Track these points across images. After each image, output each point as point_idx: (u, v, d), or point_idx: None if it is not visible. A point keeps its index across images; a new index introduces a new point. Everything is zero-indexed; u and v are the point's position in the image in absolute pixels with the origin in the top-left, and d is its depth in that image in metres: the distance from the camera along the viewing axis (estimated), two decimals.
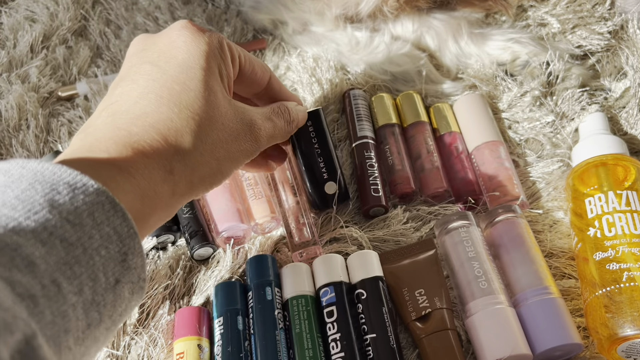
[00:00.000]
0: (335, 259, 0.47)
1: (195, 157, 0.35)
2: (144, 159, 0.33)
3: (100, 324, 0.30)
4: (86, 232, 0.29)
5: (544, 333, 0.42)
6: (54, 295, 0.27)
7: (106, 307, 0.30)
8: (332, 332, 0.43)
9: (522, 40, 0.59)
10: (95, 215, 0.29)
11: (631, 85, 0.56)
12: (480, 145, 0.53)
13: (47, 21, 0.65)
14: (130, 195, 0.32)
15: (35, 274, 0.26)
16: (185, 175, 0.35)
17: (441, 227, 0.49)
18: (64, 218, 0.28)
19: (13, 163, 0.30)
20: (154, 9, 0.67)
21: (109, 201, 0.30)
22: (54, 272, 0.27)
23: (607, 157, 0.49)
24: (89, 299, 0.28)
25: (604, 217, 0.45)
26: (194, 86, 0.36)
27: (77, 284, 0.28)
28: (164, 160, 0.34)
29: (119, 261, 0.30)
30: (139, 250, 0.31)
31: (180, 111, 0.35)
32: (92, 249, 0.29)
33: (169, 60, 0.37)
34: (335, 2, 0.61)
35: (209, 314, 0.46)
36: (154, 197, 0.33)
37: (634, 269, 0.42)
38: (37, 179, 0.29)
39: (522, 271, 0.45)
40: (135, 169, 0.33)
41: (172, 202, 0.35)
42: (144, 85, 0.36)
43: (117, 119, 0.34)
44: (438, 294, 0.45)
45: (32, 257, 0.27)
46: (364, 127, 0.55)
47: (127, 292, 0.31)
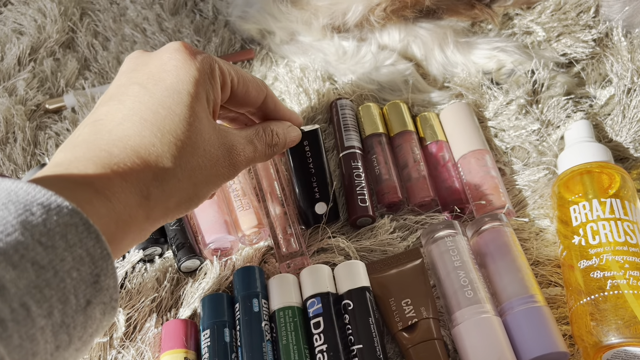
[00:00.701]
0: (322, 269, 0.47)
1: (174, 183, 0.35)
2: (122, 182, 0.33)
3: (69, 346, 0.29)
4: (58, 255, 0.28)
5: (529, 342, 0.43)
6: (22, 319, 0.27)
7: (76, 328, 0.29)
8: (319, 343, 0.43)
9: (507, 48, 0.59)
10: (68, 237, 0.29)
11: (616, 92, 0.56)
12: (467, 154, 0.53)
13: (35, 33, 0.65)
14: (105, 219, 0.32)
15: (4, 298, 0.26)
16: (161, 201, 0.35)
17: (427, 237, 0.49)
18: (36, 240, 0.28)
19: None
20: (142, 21, 0.67)
21: (82, 222, 0.29)
22: (23, 296, 0.27)
23: (592, 165, 0.49)
24: (58, 321, 0.28)
25: (588, 225, 0.46)
26: (179, 111, 0.36)
27: (46, 307, 0.28)
28: (141, 185, 0.34)
29: (91, 283, 0.30)
30: (111, 272, 0.31)
31: (163, 136, 0.35)
32: (63, 271, 0.28)
33: (157, 83, 0.37)
34: (322, 12, 0.62)
35: (196, 326, 0.46)
36: (129, 221, 0.33)
37: (618, 277, 0.43)
38: (11, 199, 0.29)
39: (508, 280, 0.46)
40: (112, 192, 0.33)
41: (146, 226, 0.35)
42: (130, 107, 0.36)
43: (99, 138, 0.34)
44: (424, 303, 0.45)
45: (2, 281, 0.26)
46: (351, 137, 0.55)
47: (98, 312, 0.31)
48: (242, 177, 0.53)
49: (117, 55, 0.64)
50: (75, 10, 0.67)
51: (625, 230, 0.44)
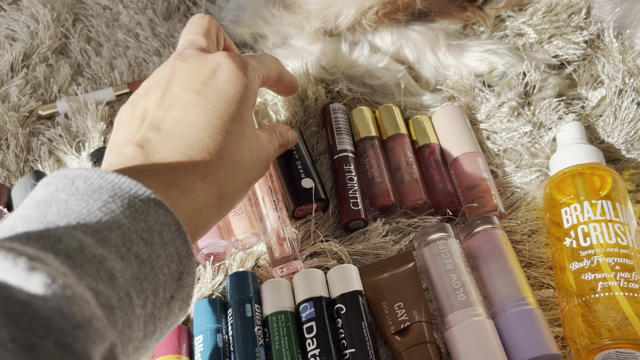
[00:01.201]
0: (315, 273, 0.47)
1: (237, 183, 0.40)
2: (202, 183, 0.36)
3: (153, 335, 0.32)
4: (155, 251, 0.32)
5: (522, 344, 0.43)
6: (126, 308, 0.29)
7: (160, 320, 0.32)
8: (311, 347, 0.43)
9: (499, 51, 0.59)
10: (163, 235, 0.32)
11: (607, 93, 0.56)
12: (459, 156, 0.54)
13: (28, 40, 0.65)
14: (191, 217, 0.35)
15: (115, 287, 0.29)
16: (229, 200, 0.39)
17: (420, 240, 0.49)
18: (139, 236, 0.31)
19: (91, 172, 0.32)
20: (134, 26, 0.67)
21: (174, 222, 0.33)
22: (128, 286, 0.30)
23: (584, 167, 0.49)
24: (149, 312, 0.31)
25: (579, 227, 0.46)
26: (239, 117, 0.40)
27: (143, 298, 0.31)
28: (218, 186, 0.38)
29: (176, 279, 0.33)
30: (192, 270, 0.34)
31: (230, 138, 0.39)
32: (158, 267, 0.32)
33: (215, 93, 0.40)
34: (314, 16, 0.62)
35: (189, 331, 0.46)
36: (207, 219, 0.37)
37: (609, 279, 0.43)
38: (116, 193, 0.32)
39: (501, 282, 0.46)
40: (197, 193, 0.36)
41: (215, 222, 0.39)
42: (196, 114, 0.39)
43: (175, 142, 0.37)
44: (417, 307, 0.45)
45: (113, 271, 0.29)
46: (344, 140, 0.55)
47: (177, 307, 0.33)
48: None
49: (110, 61, 0.64)
50: (68, 16, 0.68)
51: (616, 232, 0.44)
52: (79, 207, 0.31)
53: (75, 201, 0.31)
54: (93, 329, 0.26)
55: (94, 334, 0.26)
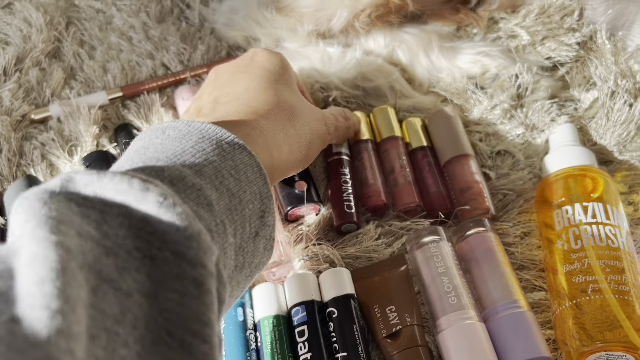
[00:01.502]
0: (307, 277, 0.47)
1: (299, 125, 0.43)
2: (267, 121, 0.40)
3: (242, 269, 0.35)
4: (242, 187, 0.34)
5: (513, 347, 0.43)
6: (222, 233, 0.32)
7: (248, 254, 0.35)
8: (303, 351, 0.43)
9: (491, 53, 0.59)
10: (248, 174, 0.35)
11: (599, 95, 0.56)
12: (452, 158, 0.54)
13: (20, 43, 0.65)
14: (263, 149, 0.39)
15: (212, 213, 0.32)
16: (295, 138, 0.42)
17: (412, 242, 0.49)
18: (229, 172, 0.34)
19: (178, 122, 0.36)
20: (128, 29, 0.67)
21: (256, 164, 0.36)
22: (222, 214, 0.33)
23: (575, 169, 0.49)
24: (238, 243, 0.34)
25: (570, 230, 0.46)
26: (282, 80, 0.45)
27: (233, 228, 0.33)
28: (281, 124, 0.41)
29: (259, 216, 0.36)
30: (272, 210, 0.37)
31: (279, 94, 0.43)
32: (244, 201, 0.34)
33: (257, 68, 0.45)
34: (307, 18, 0.62)
35: None
36: (279, 153, 0.40)
37: (600, 281, 0.43)
38: (204, 136, 0.35)
39: (492, 285, 0.46)
40: (262, 128, 0.40)
41: (289, 161, 0.42)
42: (246, 84, 0.43)
43: (231, 102, 0.41)
44: (409, 310, 0.45)
45: (210, 199, 0.32)
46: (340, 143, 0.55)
47: (262, 246, 0.36)
48: None
49: (103, 64, 0.64)
50: (61, 20, 0.67)
51: (607, 235, 0.45)
52: (174, 146, 0.34)
53: (169, 142, 0.34)
54: (203, 241, 0.29)
55: (205, 245, 0.28)
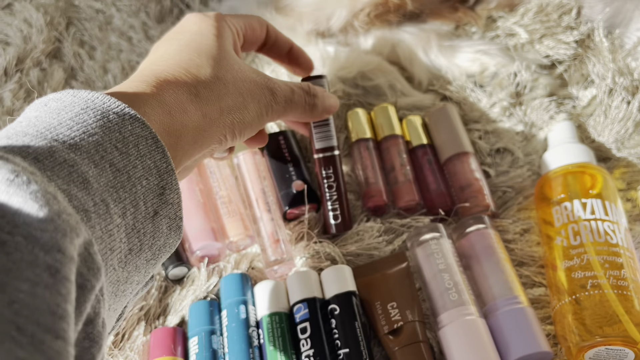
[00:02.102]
0: (309, 274, 0.48)
1: (219, 86, 0.39)
2: (168, 82, 0.36)
3: (140, 253, 0.32)
4: (131, 162, 0.31)
5: (513, 342, 0.43)
6: (103, 214, 0.29)
7: (146, 236, 0.32)
8: (305, 348, 0.44)
9: (490, 51, 0.60)
10: (139, 147, 0.32)
11: (598, 93, 0.57)
12: (452, 156, 0.54)
13: (21, 44, 0.65)
14: (157, 109, 0.34)
15: (88, 191, 0.29)
16: (212, 100, 0.38)
17: (413, 240, 0.49)
18: (114, 145, 0.31)
19: (64, 92, 0.32)
20: (127, 29, 0.67)
21: (151, 136, 0.32)
22: (103, 192, 0.29)
23: (574, 166, 0.50)
24: (130, 223, 0.31)
25: (569, 226, 0.46)
26: (210, 42, 0.40)
27: (121, 207, 0.30)
28: (188, 85, 0.37)
29: (157, 194, 0.32)
30: (175, 187, 0.33)
31: (200, 54, 0.39)
32: (135, 177, 0.31)
33: (184, 33, 0.41)
34: (306, 18, 0.62)
35: (184, 333, 0.47)
36: (183, 114, 0.36)
37: (599, 277, 0.43)
38: (89, 106, 0.31)
39: (493, 281, 0.46)
40: (160, 89, 0.35)
41: (205, 125, 0.37)
42: (164, 49, 0.40)
43: (140, 70, 0.38)
44: (410, 306, 0.46)
45: (86, 175, 0.29)
46: (323, 136, 0.53)
47: (165, 226, 0.33)
48: (229, 184, 0.53)
49: (104, 64, 0.65)
50: (61, 20, 0.68)
51: (606, 231, 0.45)
52: (50, 118, 0.30)
53: (46, 115, 0.30)
54: (62, 222, 0.25)
55: (64, 227, 0.25)
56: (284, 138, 0.55)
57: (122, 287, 0.31)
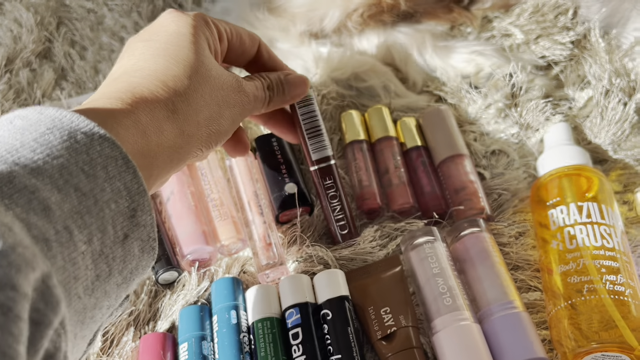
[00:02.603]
0: (301, 279, 0.47)
1: (197, 98, 0.37)
2: (144, 99, 0.34)
3: (109, 278, 0.30)
4: (98, 185, 0.30)
5: (508, 348, 0.42)
6: (65, 242, 0.28)
7: (115, 260, 0.30)
8: (297, 354, 0.43)
9: (485, 52, 0.59)
10: (108, 168, 0.30)
11: (594, 94, 0.56)
12: (446, 158, 0.53)
13: (11, 44, 0.64)
14: (132, 130, 0.33)
15: (50, 219, 0.27)
16: (189, 114, 0.36)
17: (407, 243, 0.49)
18: (80, 168, 0.29)
19: (30, 109, 0.30)
20: (119, 29, 0.66)
21: (122, 156, 0.31)
22: (67, 219, 0.28)
23: (570, 169, 0.49)
24: (97, 249, 0.29)
25: (565, 229, 0.46)
26: (186, 44, 0.38)
27: (87, 234, 0.29)
28: (165, 101, 0.35)
29: (128, 216, 0.31)
30: (147, 208, 0.32)
31: (177, 62, 0.37)
32: (102, 201, 0.30)
33: (160, 33, 0.39)
34: (299, 19, 0.61)
35: (174, 339, 0.46)
36: (159, 134, 0.34)
37: (595, 282, 0.42)
38: (55, 125, 0.30)
39: (487, 285, 0.45)
40: (135, 107, 0.34)
41: (182, 142, 0.36)
42: (140, 53, 0.38)
43: (115, 80, 0.36)
44: (403, 311, 0.45)
45: (48, 202, 0.27)
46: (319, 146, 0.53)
47: (137, 249, 0.31)
48: (221, 186, 0.52)
49: (95, 65, 0.64)
50: (52, 20, 0.67)
51: (602, 234, 0.44)
52: (12, 139, 0.29)
53: (9, 135, 0.29)
54: (17, 256, 0.24)
55: (19, 261, 0.24)
56: (276, 140, 0.55)
57: (90, 313, 0.30)
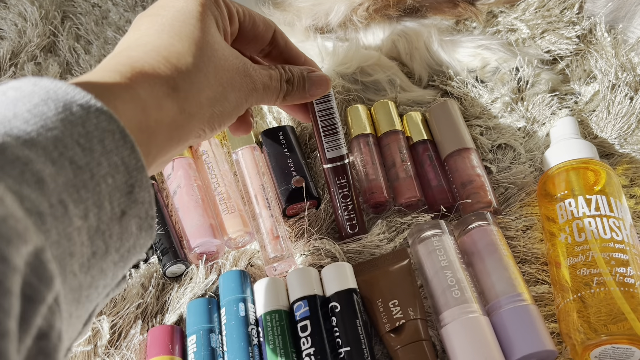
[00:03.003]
0: (309, 272, 0.47)
1: (199, 77, 0.36)
2: (144, 73, 0.33)
3: (106, 256, 0.29)
4: (95, 158, 0.28)
5: (517, 340, 0.42)
6: (60, 216, 0.27)
7: (112, 238, 0.29)
8: (306, 346, 0.43)
9: (491, 46, 0.59)
10: (105, 142, 0.29)
11: (600, 88, 0.56)
12: (453, 152, 0.53)
13: (16, 38, 0.64)
14: (130, 104, 0.32)
15: (43, 192, 0.26)
16: (191, 93, 0.35)
17: (414, 236, 0.49)
18: (75, 140, 0.28)
19: (25, 80, 0.29)
20: (124, 23, 0.66)
21: (119, 130, 0.29)
22: (61, 193, 0.27)
23: (577, 162, 0.49)
24: (93, 225, 0.28)
25: (574, 222, 0.46)
26: (193, 22, 0.37)
27: (82, 208, 0.28)
28: (166, 77, 0.34)
29: (125, 192, 0.30)
30: (145, 185, 0.31)
31: (181, 38, 0.36)
32: (99, 175, 0.28)
33: (167, 9, 0.38)
34: (305, 13, 0.61)
35: (182, 332, 0.46)
36: (158, 110, 0.33)
37: (604, 274, 0.42)
38: (50, 97, 0.28)
39: (495, 278, 0.45)
40: (134, 81, 0.33)
41: (182, 121, 0.35)
42: (145, 28, 0.37)
43: (116, 55, 0.35)
44: (412, 304, 0.45)
45: (41, 174, 0.26)
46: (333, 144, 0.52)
47: (134, 226, 0.30)
48: (227, 180, 0.52)
49: (100, 59, 0.64)
50: (57, 14, 0.67)
51: (611, 227, 0.44)
52: (5, 110, 0.28)
53: (1, 106, 0.28)
54: (8, 228, 0.23)
55: (10, 233, 0.23)
56: (283, 134, 0.55)
57: (86, 292, 0.29)
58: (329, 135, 0.49)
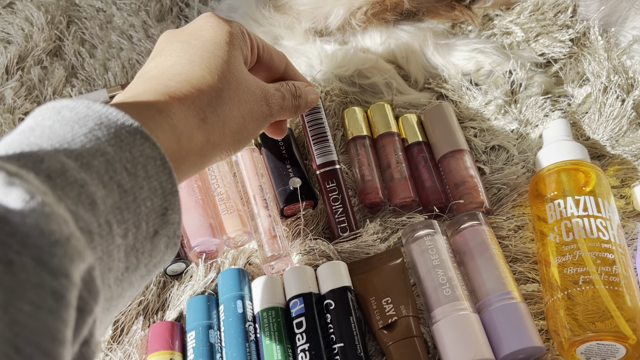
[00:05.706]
0: (305, 270, 0.48)
1: (225, 110, 0.39)
2: (180, 104, 0.36)
3: (136, 270, 0.32)
4: (138, 183, 0.31)
5: (506, 337, 0.44)
6: (106, 235, 0.29)
7: (144, 254, 0.32)
8: (301, 342, 0.44)
9: (485, 50, 0.60)
10: (147, 168, 0.32)
11: (592, 91, 0.57)
12: (447, 154, 0.54)
13: (22, 42, 0.66)
14: (168, 134, 0.35)
15: (94, 212, 0.29)
16: (217, 125, 0.38)
17: (408, 236, 0.50)
18: (123, 165, 0.31)
19: (78, 102, 0.32)
20: (128, 28, 0.68)
21: (160, 157, 0.32)
22: (108, 214, 0.30)
23: (568, 163, 0.50)
24: (130, 244, 0.31)
25: (562, 222, 0.47)
26: (221, 54, 0.40)
27: (124, 228, 0.30)
28: (198, 109, 0.37)
29: (160, 214, 0.32)
30: (177, 208, 0.33)
31: (211, 71, 0.39)
32: (140, 198, 0.31)
33: (198, 38, 0.41)
34: (304, 16, 0.63)
35: (182, 328, 0.47)
36: (190, 141, 0.36)
37: (591, 273, 0.44)
38: (103, 122, 0.31)
39: (486, 277, 0.47)
40: (172, 112, 0.35)
41: (206, 150, 0.38)
42: (177, 56, 0.40)
43: (152, 80, 0.38)
44: (404, 302, 0.46)
45: (94, 197, 0.29)
46: (323, 151, 0.54)
47: (162, 245, 0.33)
48: (227, 181, 0.54)
49: (104, 63, 0.65)
50: (62, 19, 0.68)
51: (598, 227, 0.45)
52: (64, 131, 0.30)
53: (60, 127, 0.30)
54: (71, 247, 0.26)
55: (73, 252, 0.26)
56: None
57: (115, 302, 0.32)
58: (319, 143, 0.53)
